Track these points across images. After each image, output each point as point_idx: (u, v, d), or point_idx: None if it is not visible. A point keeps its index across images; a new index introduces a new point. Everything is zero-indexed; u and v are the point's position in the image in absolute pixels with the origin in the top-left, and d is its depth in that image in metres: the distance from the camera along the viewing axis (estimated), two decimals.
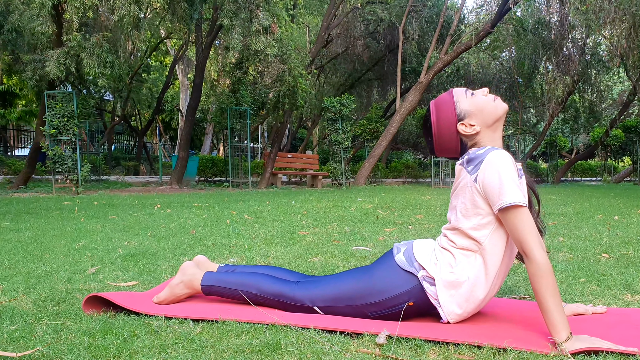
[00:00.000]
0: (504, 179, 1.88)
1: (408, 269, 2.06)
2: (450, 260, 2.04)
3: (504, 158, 1.92)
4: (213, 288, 2.23)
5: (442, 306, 2.01)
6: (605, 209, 7.12)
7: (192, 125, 12.54)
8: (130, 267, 3.10)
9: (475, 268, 2.00)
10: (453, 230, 2.07)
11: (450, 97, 2.08)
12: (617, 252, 3.67)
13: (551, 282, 1.82)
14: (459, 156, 2.11)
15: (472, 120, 2.05)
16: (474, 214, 1.98)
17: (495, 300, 2.44)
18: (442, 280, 2.01)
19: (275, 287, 2.16)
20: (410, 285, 2.04)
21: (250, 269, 2.40)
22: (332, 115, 13.77)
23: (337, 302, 2.09)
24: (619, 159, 22.54)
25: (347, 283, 2.12)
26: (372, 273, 2.11)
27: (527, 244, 1.85)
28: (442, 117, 2.07)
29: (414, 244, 2.17)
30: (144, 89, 20.10)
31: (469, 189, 1.98)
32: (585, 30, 16.57)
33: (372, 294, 2.06)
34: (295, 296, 2.12)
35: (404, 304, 2.03)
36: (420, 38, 17.65)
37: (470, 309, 2.02)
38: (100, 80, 8.85)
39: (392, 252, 2.16)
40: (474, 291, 2.00)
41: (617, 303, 2.41)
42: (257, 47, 9.28)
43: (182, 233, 4.57)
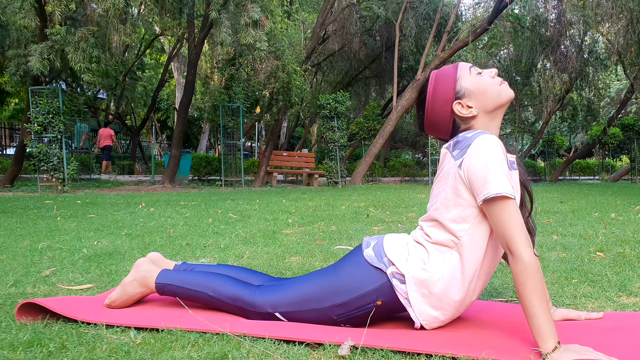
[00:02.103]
0: (491, 167, 1.66)
1: (377, 264, 1.86)
2: (423, 255, 1.84)
3: (493, 144, 1.70)
4: (167, 287, 2.03)
5: (412, 306, 1.81)
6: (602, 206, 6.98)
7: (185, 123, 12.35)
8: (92, 268, 2.90)
9: (450, 266, 1.79)
10: (430, 221, 1.86)
11: (453, 71, 1.86)
12: (612, 250, 3.50)
13: (538, 284, 1.62)
14: (449, 138, 1.90)
15: (471, 101, 1.83)
16: (454, 204, 1.77)
17: (479, 304, 2.25)
18: (412, 277, 1.81)
19: (234, 290, 1.96)
20: (378, 283, 1.83)
21: (210, 268, 2.19)
22: (327, 113, 13.60)
23: (300, 306, 1.88)
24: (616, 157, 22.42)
25: (311, 284, 1.92)
26: (338, 271, 1.91)
27: (512, 240, 1.64)
28: (439, 90, 1.85)
29: (384, 238, 1.96)
30: (139, 87, 19.89)
31: (452, 175, 1.77)
32: (583, 27, 16.41)
33: (337, 295, 1.86)
34: (255, 301, 1.92)
35: (373, 304, 1.83)
36: (417, 35, 17.47)
37: (446, 312, 1.82)
38: (85, 76, 8.65)
39: (360, 247, 1.96)
40: (449, 291, 1.79)
41: (612, 306, 2.23)
42: (246, 41, 9.06)
43: (159, 232, 4.38)
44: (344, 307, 1.84)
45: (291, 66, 11.60)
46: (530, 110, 23.63)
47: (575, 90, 18.97)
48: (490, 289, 2.55)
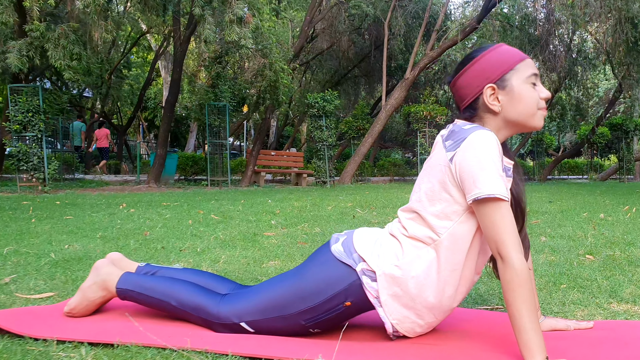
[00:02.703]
0: (484, 165, 1.53)
1: (346, 261, 1.72)
2: (396, 251, 1.70)
3: (489, 141, 1.56)
4: (129, 293, 1.89)
5: (382, 305, 1.67)
6: (591, 206, 6.90)
7: (171, 122, 12.18)
8: (57, 274, 2.74)
9: (425, 264, 1.66)
10: (410, 213, 1.72)
11: (515, 59, 1.68)
12: (602, 253, 3.40)
13: (529, 293, 1.50)
14: (460, 109, 1.75)
15: (503, 97, 1.67)
16: (439, 199, 1.63)
17: (461, 312, 2.13)
18: (384, 274, 1.67)
19: (198, 300, 1.81)
20: (347, 282, 1.70)
21: (175, 273, 2.04)
22: (315, 112, 13.47)
23: (265, 314, 1.74)
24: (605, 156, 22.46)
25: (275, 290, 1.78)
26: (303, 273, 1.77)
27: (503, 244, 1.51)
28: (489, 62, 1.68)
29: (354, 233, 1.82)
30: (125, 86, 19.65)
31: (441, 168, 1.62)
32: (572, 26, 16.39)
33: (303, 299, 1.72)
34: (220, 313, 1.77)
35: (342, 305, 1.70)
36: (406, 34, 17.38)
37: (420, 314, 1.69)
38: (66, 73, 8.45)
39: (328, 243, 1.82)
40: (423, 292, 1.66)
41: (602, 314, 2.12)
42: (230, 38, 8.91)
43: (135, 235, 4.22)
44: (312, 312, 1.71)
45: (278, 64, 11.45)
46: None
47: (564, 90, 18.96)
48: (475, 296, 2.42)
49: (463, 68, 1.71)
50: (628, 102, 19.26)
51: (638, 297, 2.31)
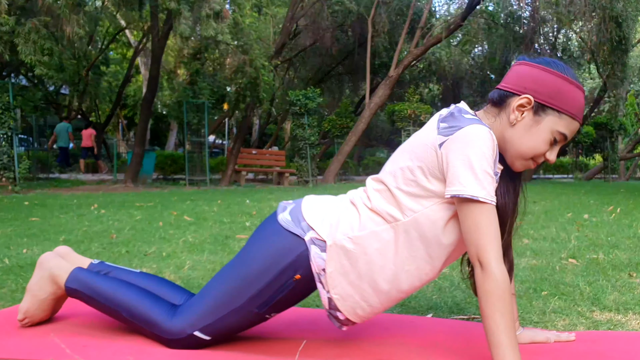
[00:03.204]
0: (475, 164, 1.37)
1: (293, 230, 1.56)
2: (353, 222, 1.54)
3: (486, 139, 1.40)
4: (78, 294, 1.71)
5: (327, 277, 1.52)
6: (575, 207, 6.82)
7: (148, 120, 11.96)
8: (8, 282, 2.56)
9: (380, 244, 1.50)
10: (379, 184, 1.56)
11: (570, 108, 1.48)
12: (585, 256, 3.28)
13: (509, 306, 1.36)
14: (497, 86, 1.56)
15: (526, 119, 1.49)
16: (416, 180, 1.47)
17: (434, 322, 1.98)
18: (335, 245, 1.52)
19: (150, 313, 1.63)
20: (295, 253, 1.54)
21: (129, 276, 1.83)
22: (297, 110, 13.30)
23: (217, 314, 1.57)
24: (590, 156, 22.52)
25: (221, 282, 1.62)
26: (247, 252, 1.61)
27: (485, 250, 1.37)
28: (555, 85, 1.47)
29: (304, 199, 1.67)
30: (104, 83, 19.32)
31: (428, 149, 1.46)
32: (556, 24, 16.38)
33: (250, 283, 1.56)
34: (172, 327, 1.59)
35: (292, 280, 1.54)
36: (390, 31, 17.26)
37: (365, 296, 1.53)
38: (37, 69, 8.20)
39: (275, 213, 1.66)
40: (373, 273, 1.51)
41: (584, 323, 2.00)
42: (207, 33, 8.71)
43: (101, 237, 4.03)
44: (262, 295, 1.55)
45: (259, 61, 11.26)
46: None
47: None
48: (451, 304, 2.27)
49: (544, 66, 1.50)
50: (613, 101, 19.29)
51: (621, 305, 2.20)
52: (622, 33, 14.04)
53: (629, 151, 22.21)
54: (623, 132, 18.95)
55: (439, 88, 23.08)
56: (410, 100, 15.48)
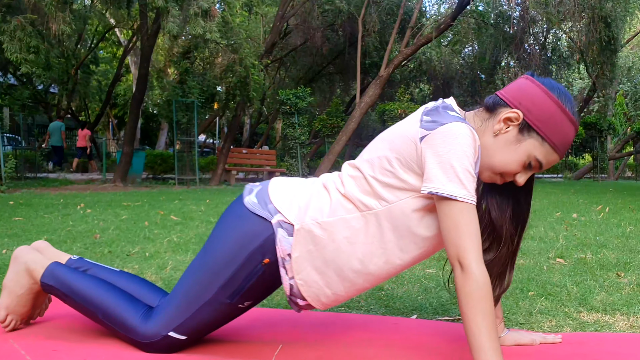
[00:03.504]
0: (455, 162, 1.34)
1: (260, 213, 1.51)
2: (323, 206, 1.49)
3: (467, 137, 1.36)
4: (54, 291, 1.65)
5: (292, 260, 1.48)
6: (564, 206, 6.82)
7: (137, 119, 11.86)
8: None
9: (350, 232, 1.46)
10: (355, 170, 1.52)
11: (555, 135, 1.43)
12: (573, 256, 3.26)
13: (490, 309, 1.32)
14: (497, 91, 1.51)
15: (510, 133, 1.45)
16: (393, 172, 1.43)
17: (417, 323, 1.94)
18: (303, 229, 1.47)
19: (125, 316, 1.58)
20: (263, 237, 1.49)
21: (108, 275, 1.77)
22: (288, 109, 13.24)
23: (189, 310, 1.53)
24: (579, 155, 22.60)
25: (189, 276, 1.57)
26: (213, 240, 1.56)
27: (465, 250, 1.33)
28: (549, 111, 1.42)
29: (271, 181, 1.62)
30: (94, 82, 19.17)
31: (408, 142, 1.42)
32: (546, 24, 16.42)
33: (218, 273, 1.51)
34: (146, 331, 1.54)
35: (260, 265, 1.49)
36: (380, 31, 17.23)
37: (330, 284, 1.49)
38: (23, 67, 8.09)
39: (242, 196, 1.61)
40: (340, 260, 1.47)
41: (571, 325, 1.97)
42: (195, 31, 8.64)
43: (85, 237, 3.97)
44: (232, 284, 1.50)
45: (249, 60, 11.19)
46: None
47: None
48: (437, 305, 2.23)
49: (547, 89, 1.44)
50: (602, 101, 19.37)
51: (609, 306, 2.17)
52: (611, 33, 14.10)
53: (617, 151, 22.30)
54: (612, 131, 19.01)
55: (430, 88, 23.09)
56: (401, 100, 15.48)
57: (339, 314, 2.07)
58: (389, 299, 2.30)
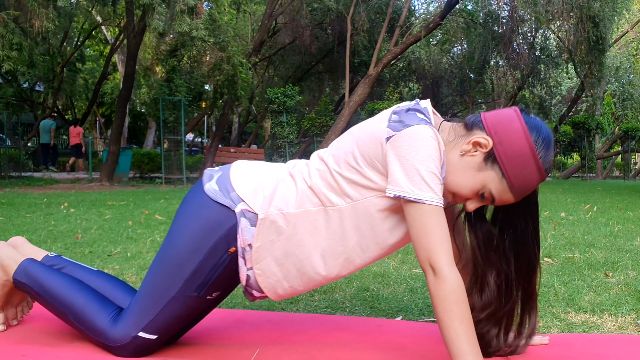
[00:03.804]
0: (419, 165, 1.30)
1: (222, 201, 1.45)
2: (289, 197, 1.45)
3: (431, 140, 1.32)
4: (27, 289, 1.59)
5: (252, 250, 1.43)
6: (552, 205, 6.82)
7: (124, 118, 11.76)
8: None
9: (313, 225, 1.42)
10: (322, 163, 1.47)
11: (518, 178, 1.37)
12: (561, 255, 3.23)
13: (467, 311, 1.28)
14: (483, 113, 1.47)
15: (475, 157, 1.40)
16: (357, 170, 1.39)
17: (403, 325, 1.88)
18: (267, 219, 1.42)
19: (96, 318, 1.51)
20: (226, 227, 1.44)
21: (84, 274, 1.70)
22: (276, 107, 13.18)
23: (157, 307, 1.47)
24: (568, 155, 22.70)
25: (154, 271, 1.51)
26: (174, 232, 1.50)
27: (436, 254, 1.29)
28: (522, 151, 1.36)
29: (232, 167, 1.56)
30: (80, 80, 18.98)
31: (374, 140, 1.38)
32: (535, 24, 16.46)
33: (182, 265, 1.45)
34: (116, 334, 1.48)
35: (226, 255, 1.44)
36: (369, 29, 17.19)
37: (289, 279, 1.45)
38: (6, 65, 7.96)
39: (201, 182, 1.54)
40: (300, 253, 1.43)
41: (559, 326, 1.93)
42: (181, 29, 8.56)
43: (66, 237, 3.89)
44: (198, 276, 1.44)
45: (237, 58, 11.11)
46: (483, 107, 23.72)
47: (527, 88, 19.08)
48: (422, 306, 2.19)
49: (528, 128, 1.38)
50: (590, 101, 19.47)
51: (597, 306, 2.14)
52: (599, 33, 14.14)
53: (605, 150, 22.44)
54: (600, 131, 19.10)
55: (419, 87, 23.11)
56: (390, 99, 15.45)
57: (323, 315, 2.02)
58: (374, 300, 2.26)
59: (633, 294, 2.31)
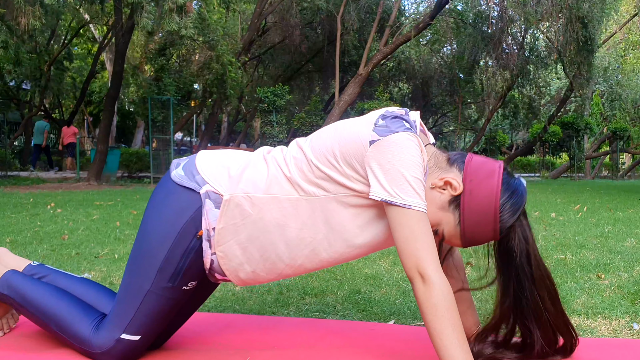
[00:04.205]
0: (405, 171, 1.28)
1: (188, 184, 1.43)
2: (258, 180, 1.42)
3: (416, 148, 1.31)
4: (9, 300, 1.56)
5: (217, 233, 1.40)
6: (542, 205, 6.83)
7: (112, 117, 11.66)
8: None
9: (280, 213, 1.39)
10: (300, 152, 1.43)
11: (488, 220, 1.37)
12: (552, 256, 3.21)
13: (458, 318, 1.27)
14: (449, 156, 1.46)
15: (446, 193, 1.40)
16: (336, 167, 1.36)
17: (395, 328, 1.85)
18: (232, 200, 1.40)
19: (79, 327, 1.48)
20: (193, 209, 1.41)
21: (67, 282, 1.67)
22: (265, 107, 13.13)
23: (134, 305, 1.44)
24: (556, 155, 22.81)
25: (128, 267, 1.48)
26: (144, 222, 1.48)
27: (425, 261, 1.27)
28: (487, 202, 1.37)
29: (198, 153, 1.54)
30: (68, 78, 18.80)
31: (357, 141, 1.35)
32: (524, 24, 16.50)
33: (153, 256, 1.42)
34: (98, 340, 1.45)
35: (195, 239, 1.41)
36: (359, 29, 17.19)
37: (252, 263, 1.42)
38: None
39: (169, 172, 1.52)
40: (266, 240, 1.40)
41: None
42: (170, 27, 8.49)
43: (52, 238, 3.83)
44: (170, 265, 1.41)
45: (226, 57, 11.05)
46: (472, 107, 23.78)
47: (517, 88, 19.13)
48: (415, 309, 2.16)
49: (501, 191, 1.38)
50: (579, 101, 19.57)
51: (590, 309, 2.11)
52: (588, 34, 14.21)
53: (594, 150, 22.57)
54: (589, 131, 19.21)
55: (409, 87, 23.13)
56: (380, 99, 15.44)
57: (314, 319, 1.99)
58: (365, 303, 2.22)
59: (626, 297, 2.29)
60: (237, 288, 2.45)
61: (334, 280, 2.62)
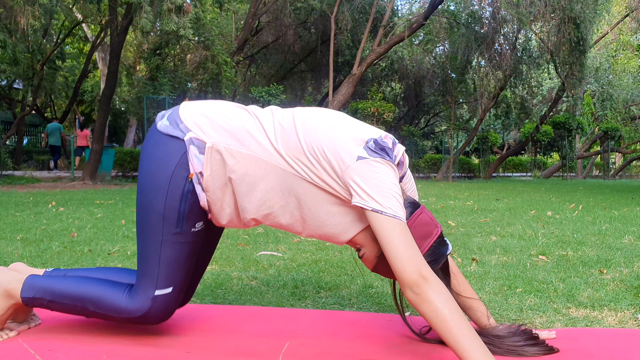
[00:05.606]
0: (392, 190, 1.40)
1: (173, 133, 1.50)
2: (241, 135, 1.49)
3: (396, 179, 1.45)
4: (37, 301, 1.59)
5: (204, 179, 1.48)
6: (537, 204, 6.92)
7: (107, 116, 11.64)
8: None
9: (256, 170, 1.47)
10: (290, 123, 1.51)
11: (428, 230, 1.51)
12: (554, 253, 3.29)
13: (462, 314, 1.35)
14: None
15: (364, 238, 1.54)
16: (320, 163, 1.44)
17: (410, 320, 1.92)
18: (214, 148, 1.47)
19: (113, 300, 1.55)
20: (179, 155, 1.48)
21: (85, 272, 1.75)
22: (260, 107, 13.14)
23: (155, 260, 1.52)
24: (548, 154, 23.00)
25: (137, 226, 1.56)
26: (139, 178, 1.55)
27: (423, 264, 1.38)
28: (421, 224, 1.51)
29: (183, 103, 1.61)
30: (60, 78, 18.71)
31: (346, 153, 1.43)
32: (517, 25, 16.62)
33: (154, 206, 1.50)
34: (136, 304, 1.52)
35: (188, 182, 1.48)
36: (353, 29, 17.25)
37: (226, 205, 1.51)
38: None
39: (154, 124, 1.59)
40: (238, 189, 1.48)
41: (562, 320, 1.98)
42: (168, 27, 8.51)
43: (61, 236, 3.86)
44: (171, 212, 1.49)
45: (221, 57, 11.08)
46: (465, 107, 23.90)
47: (509, 88, 19.27)
48: None
49: None
50: (571, 101, 19.73)
51: (596, 302, 2.19)
52: (580, 34, 14.36)
53: (585, 150, 22.77)
54: (580, 131, 19.38)
55: (401, 87, 23.22)
56: (374, 99, 15.51)
57: (333, 311, 2.05)
58: (380, 297, 2.29)
59: (629, 290, 2.37)
60: (253, 282, 2.52)
61: (345, 275, 2.69)
